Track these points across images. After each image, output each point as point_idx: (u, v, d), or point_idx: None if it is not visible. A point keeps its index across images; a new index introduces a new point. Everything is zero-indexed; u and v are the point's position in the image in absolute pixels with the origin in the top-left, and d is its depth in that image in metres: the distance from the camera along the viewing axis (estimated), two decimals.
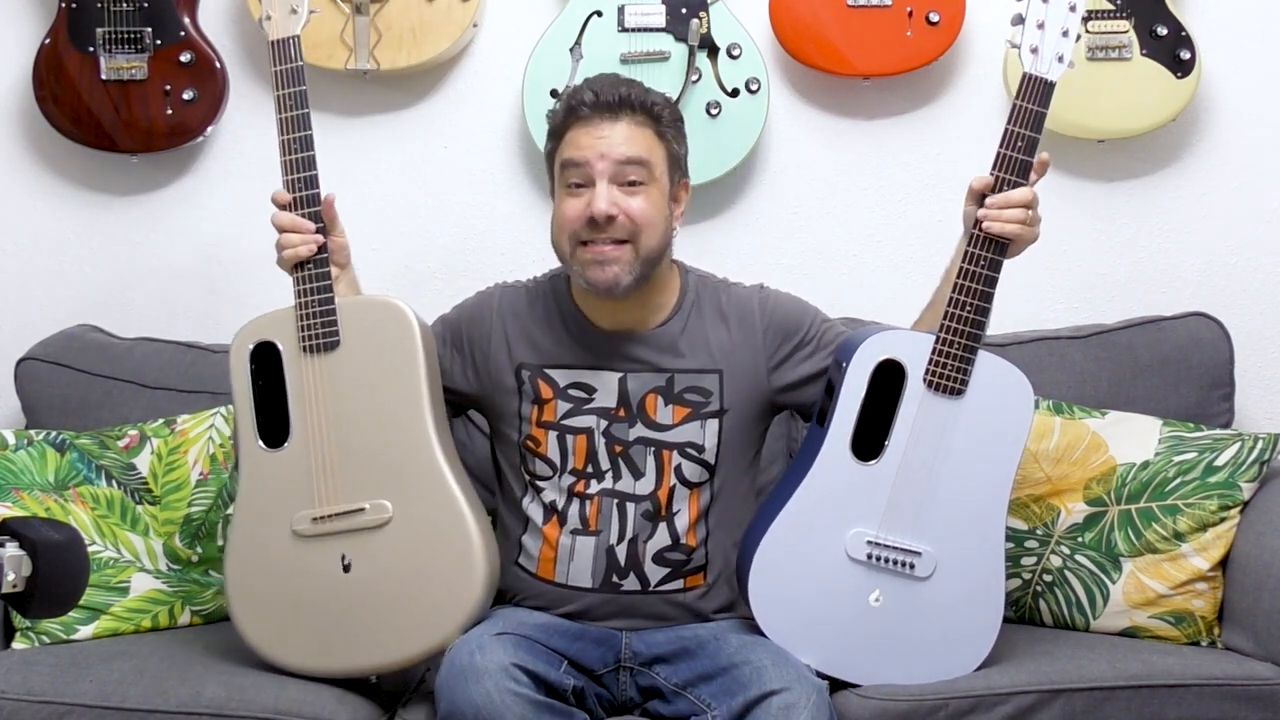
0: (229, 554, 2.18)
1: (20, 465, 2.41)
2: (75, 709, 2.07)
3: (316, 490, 2.13)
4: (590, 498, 2.20)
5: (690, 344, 2.23)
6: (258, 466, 2.16)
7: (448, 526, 2.10)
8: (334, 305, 2.14)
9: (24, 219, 2.92)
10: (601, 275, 2.14)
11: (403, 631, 2.10)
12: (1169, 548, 2.37)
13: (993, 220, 2.07)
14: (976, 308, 2.08)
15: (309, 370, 2.14)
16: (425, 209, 2.91)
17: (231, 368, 2.18)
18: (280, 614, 2.14)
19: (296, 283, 2.15)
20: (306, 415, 2.14)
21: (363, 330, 2.15)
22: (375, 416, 2.13)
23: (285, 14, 2.18)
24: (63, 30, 2.76)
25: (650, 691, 2.15)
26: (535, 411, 2.22)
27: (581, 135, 2.14)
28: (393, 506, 2.11)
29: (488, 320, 2.28)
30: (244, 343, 2.18)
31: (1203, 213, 2.88)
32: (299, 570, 2.13)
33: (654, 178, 2.15)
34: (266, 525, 2.15)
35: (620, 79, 2.20)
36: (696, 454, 2.21)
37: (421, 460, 2.12)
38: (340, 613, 2.11)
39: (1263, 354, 2.87)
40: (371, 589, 2.11)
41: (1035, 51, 2.09)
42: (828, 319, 2.29)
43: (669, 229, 2.19)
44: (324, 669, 2.12)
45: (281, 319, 2.16)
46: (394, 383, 2.13)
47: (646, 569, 2.19)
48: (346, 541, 2.12)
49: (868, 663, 2.10)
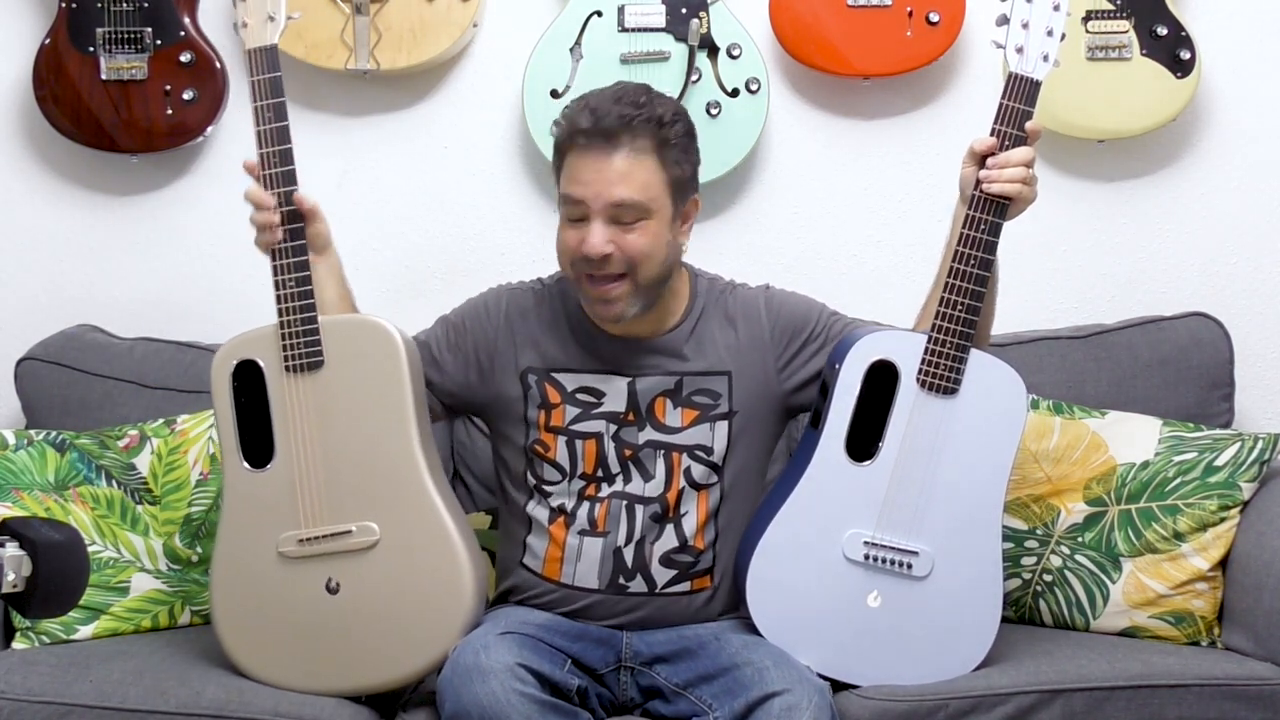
0: (214, 574, 2.15)
1: (20, 465, 2.41)
2: (75, 709, 2.07)
3: (302, 511, 2.10)
4: (600, 500, 2.20)
5: (698, 347, 2.22)
6: (242, 486, 2.14)
7: (435, 548, 2.08)
8: (317, 324, 2.10)
9: (24, 219, 2.91)
10: (606, 311, 2.13)
11: (390, 653, 2.08)
12: (1169, 548, 2.37)
13: (993, 180, 2.07)
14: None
15: (293, 390, 2.11)
16: (425, 209, 2.91)
17: (213, 387, 2.13)
18: (266, 635, 2.12)
19: (277, 296, 2.10)
20: (291, 435, 2.10)
21: (347, 349, 2.11)
22: (360, 437, 2.10)
23: (262, 21, 2.10)
24: (63, 30, 2.76)
25: (651, 691, 2.15)
26: (542, 416, 2.22)
27: (579, 168, 2.10)
28: (379, 528, 2.08)
29: (494, 322, 2.26)
30: (225, 361, 2.13)
31: (1203, 213, 2.88)
32: (285, 592, 2.11)
33: (652, 211, 2.11)
34: (251, 546, 2.12)
35: (624, 92, 2.12)
36: (705, 456, 2.20)
37: (407, 482, 2.10)
38: (327, 634, 2.09)
39: (1263, 354, 2.87)
40: (359, 611, 2.09)
41: (1020, 51, 2.09)
42: (835, 313, 2.28)
43: (670, 254, 2.15)
44: (315, 689, 2.09)
45: (264, 337, 2.12)
46: (379, 403, 2.10)
47: (653, 571, 2.19)
48: (333, 563, 2.09)
49: (867, 663, 2.10)
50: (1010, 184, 2.07)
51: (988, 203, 2.08)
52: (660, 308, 2.21)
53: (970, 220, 2.08)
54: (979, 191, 2.08)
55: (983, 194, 2.08)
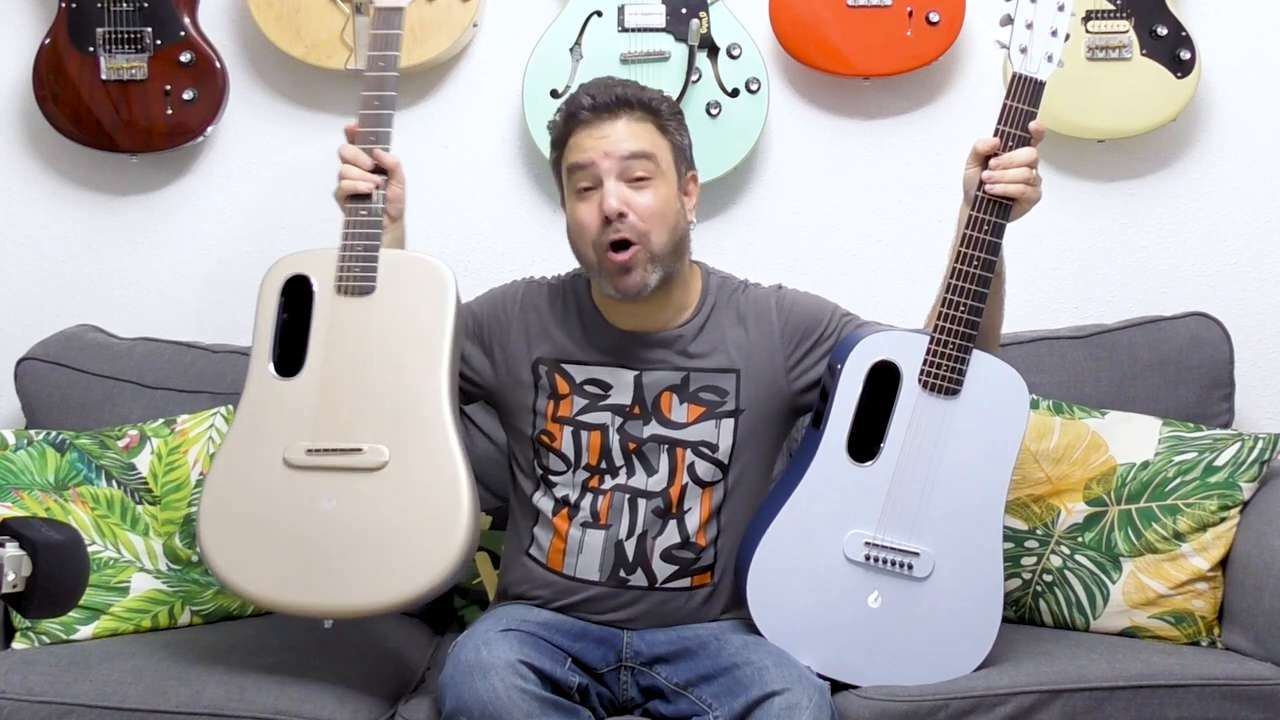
0: (211, 474, 2.15)
1: (20, 465, 2.41)
2: (75, 709, 2.07)
3: (318, 423, 2.11)
4: (603, 492, 2.21)
5: (707, 343, 2.23)
6: (264, 392, 2.15)
7: (441, 483, 2.08)
8: (378, 252, 2.16)
9: (24, 219, 2.92)
10: (626, 281, 2.14)
11: (371, 579, 2.06)
12: (1169, 548, 2.37)
13: (997, 180, 2.07)
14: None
15: (339, 310, 2.15)
16: (425, 209, 2.91)
17: (261, 292, 2.18)
18: (250, 540, 2.10)
19: (346, 222, 2.18)
20: (325, 352, 2.14)
21: (400, 283, 2.15)
22: (393, 365, 2.13)
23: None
24: (63, 30, 2.76)
25: (651, 691, 2.15)
26: (551, 406, 2.23)
27: (584, 138, 2.15)
28: (389, 452, 2.09)
29: (509, 313, 2.29)
30: (280, 273, 2.19)
31: (1203, 213, 2.88)
32: (281, 499, 2.10)
33: (660, 170, 2.15)
34: (258, 449, 2.13)
35: (614, 80, 2.21)
36: (710, 453, 2.21)
37: (429, 416, 2.10)
38: (313, 550, 2.08)
39: (1263, 354, 2.87)
40: (350, 531, 2.07)
41: (1024, 51, 2.09)
42: (848, 314, 2.29)
43: (680, 223, 2.18)
44: (283, 603, 2.08)
45: (321, 257, 2.18)
46: (419, 337, 2.13)
47: (654, 565, 2.19)
48: (335, 479, 2.09)
49: (867, 664, 2.10)
50: (1013, 184, 2.07)
51: (991, 203, 2.08)
52: (672, 299, 2.22)
53: (973, 221, 2.08)
54: (982, 192, 2.08)
55: (986, 195, 2.08)
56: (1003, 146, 2.08)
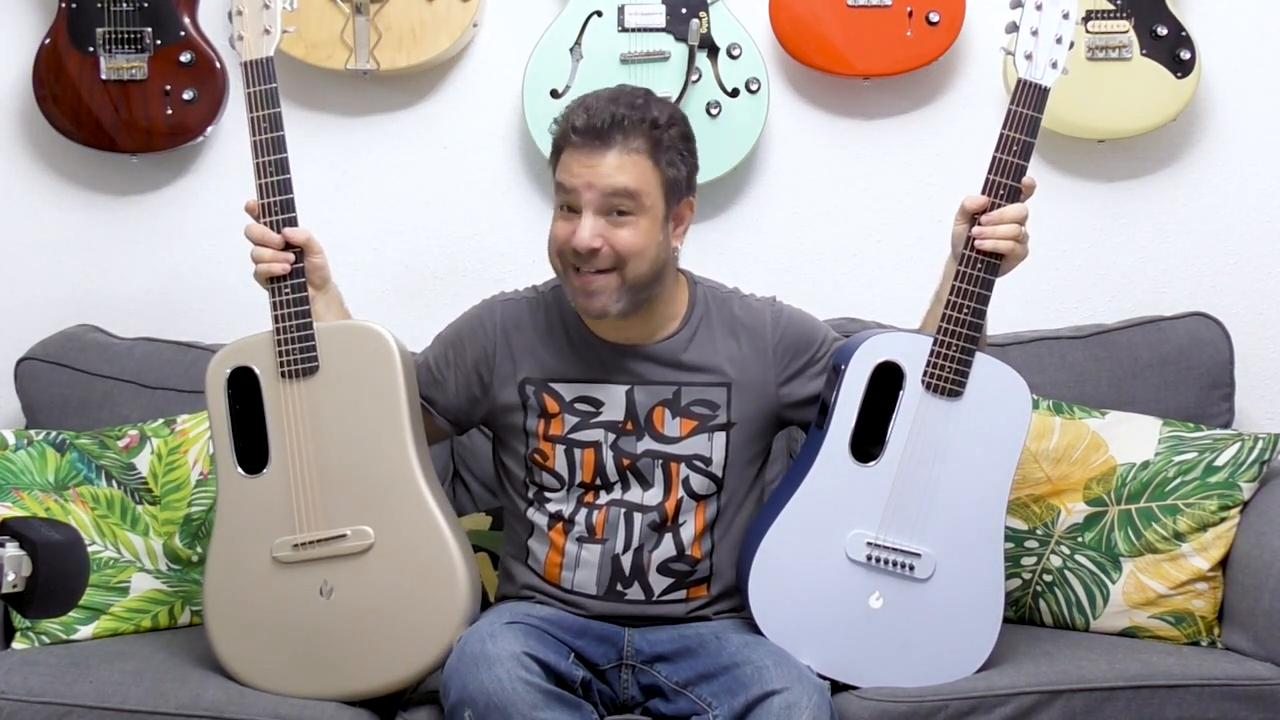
0: (207, 581, 2.15)
1: (20, 465, 2.41)
2: (75, 709, 2.07)
3: (297, 516, 2.10)
4: (598, 507, 2.20)
5: (698, 356, 2.21)
6: (236, 493, 2.14)
7: (430, 552, 2.08)
8: (312, 330, 2.11)
9: (24, 219, 2.91)
10: (589, 304, 2.12)
11: (385, 657, 2.08)
12: (1169, 548, 2.37)
13: (987, 235, 2.07)
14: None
15: (288, 396, 2.11)
16: (425, 209, 2.91)
17: (208, 393, 2.14)
18: (260, 640, 2.12)
19: (273, 304, 2.12)
20: (286, 441, 2.11)
21: (342, 355, 2.12)
22: (356, 442, 2.11)
23: (258, 35, 2.12)
24: (63, 30, 2.76)
25: (652, 690, 2.15)
26: (542, 425, 2.21)
27: (572, 162, 2.10)
28: (374, 532, 2.09)
29: (490, 335, 2.25)
30: (220, 368, 2.14)
31: (1203, 212, 2.88)
32: (280, 597, 2.10)
33: (644, 207, 2.09)
34: (246, 552, 2.12)
35: (619, 95, 2.12)
36: (704, 467, 2.20)
37: (403, 485, 2.10)
38: (322, 639, 2.09)
39: (1263, 354, 2.87)
40: (354, 615, 2.09)
41: (1030, 58, 2.09)
42: (840, 338, 2.28)
43: (661, 255, 2.13)
44: (306, 695, 2.09)
45: (258, 344, 2.13)
46: (374, 408, 2.11)
47: (651, 579, 2.19)
48: (328, 568, 2.10)
49: (868, 664, 2.10)
50: (1003, 241, 2.07)
51: (980, 260, 2.08)
52: (656, 314, 2.20)
53: (961, 275, 2.09)
54: (970, 250, 2.08)
55: (975, 251, 2.08)
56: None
